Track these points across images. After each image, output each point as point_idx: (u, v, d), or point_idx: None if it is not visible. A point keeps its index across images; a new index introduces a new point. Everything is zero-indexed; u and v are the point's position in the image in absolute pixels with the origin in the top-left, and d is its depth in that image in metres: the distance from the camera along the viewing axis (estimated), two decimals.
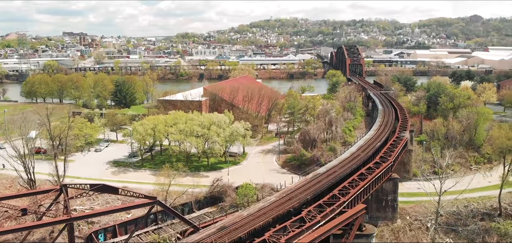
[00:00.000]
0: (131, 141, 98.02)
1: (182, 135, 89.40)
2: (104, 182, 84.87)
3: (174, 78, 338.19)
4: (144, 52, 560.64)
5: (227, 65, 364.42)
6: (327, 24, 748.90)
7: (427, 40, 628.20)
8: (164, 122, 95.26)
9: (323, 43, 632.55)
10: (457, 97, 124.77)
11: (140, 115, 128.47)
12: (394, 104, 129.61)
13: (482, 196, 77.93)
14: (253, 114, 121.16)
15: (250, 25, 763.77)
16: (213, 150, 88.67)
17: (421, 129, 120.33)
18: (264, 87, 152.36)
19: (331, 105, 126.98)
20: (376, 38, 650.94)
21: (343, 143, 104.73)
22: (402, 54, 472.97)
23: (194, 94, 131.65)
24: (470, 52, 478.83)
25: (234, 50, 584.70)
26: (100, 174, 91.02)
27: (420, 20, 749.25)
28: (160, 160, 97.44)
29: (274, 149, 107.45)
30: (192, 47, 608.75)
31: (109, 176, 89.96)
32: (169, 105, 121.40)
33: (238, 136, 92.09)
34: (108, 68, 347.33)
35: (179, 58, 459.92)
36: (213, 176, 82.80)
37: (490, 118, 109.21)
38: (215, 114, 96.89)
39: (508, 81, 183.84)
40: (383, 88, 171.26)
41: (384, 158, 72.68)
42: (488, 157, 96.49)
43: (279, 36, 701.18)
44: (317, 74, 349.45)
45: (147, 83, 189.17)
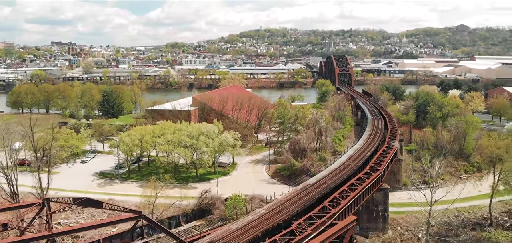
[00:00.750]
0: (117, 152, 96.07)
1: (170, 146, 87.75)
2: (90, 194, 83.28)
3: (164, 87, 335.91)
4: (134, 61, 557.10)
5: (217, 75, 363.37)
6: (316, 34, 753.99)
7: (415, 49, 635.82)
8: (152, 132, 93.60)
9: (312, 53, 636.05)
10: (446, 106, 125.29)
11: (127, 125, 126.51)
12: (383, 114, 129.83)
13: (472, 206, 77.75)
14: (242, 124, 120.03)
15: (240, 35, 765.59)
16: (201, 160, 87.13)
17: (410, 138, 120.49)
18: (254, 96, 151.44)
19: (320, 114, 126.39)
20: (365, 48, 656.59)
21: (333, 152, 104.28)
22: (390, 64, 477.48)
23: (183, 104, 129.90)
24: (457, 61, 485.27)
25: (224, 60, 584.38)
26: (86, 186, 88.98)
27: (407, 30, 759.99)
28: (147, 171, 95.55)
29: (264, 158, 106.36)
30: (182, 56, 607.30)
31: (95, 188, 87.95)
32: (157, 115, 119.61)
33: (227, 146, 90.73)
34: (96, 77, 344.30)
35: (169, 68, 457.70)
36: (201, 187, 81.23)
37: (478, 127, 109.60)
38: (204, 124, 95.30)
39: (496, 90, 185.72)
40: (372, 98, 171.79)
41: (374, 168, 72.17)
42: (478, 165, 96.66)
43: (269, 46, 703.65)
44: (306, 84, 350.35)
45: (136, 93, 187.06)
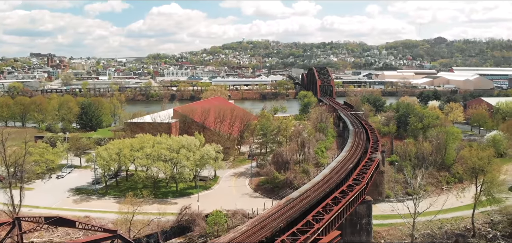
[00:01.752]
0: (94, 166, 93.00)
1: (149, 160, 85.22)
2: (65, 211, 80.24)
3: (145, 99, 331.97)
4: (114, 73, 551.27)
5: (200, 86, 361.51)
6: (297, 46, 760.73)
7: (394, 61, 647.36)
8: (130, 146, 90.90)
9: (294, 64, 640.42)
10: (426, 117, 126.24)
11: (106, 138, 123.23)
12: (365, 125, 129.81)
13: (455, 217, 77.59)
14: (225, 136, 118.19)
15: (222, 46, 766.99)
16: (182, 175, 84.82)
17: (392, 149, 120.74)
18: (237, 108, 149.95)
19: (303, 126, 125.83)
20: (345, 60, 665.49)
21: (316, 164, 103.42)
22: (371, 75, 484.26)
23: (163, 116, 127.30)
24: (436, 73, 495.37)
25: (207, 71, 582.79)
26: (61, 202, 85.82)
27: (387, 43, 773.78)
28: (125, 187, 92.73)
29: (246, 171, 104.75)
30: (163, 68, 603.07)
31: (71, 205, 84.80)
32: (136, 128, 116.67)
33: (209, 159, 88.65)
34: (75, 90, 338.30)
35: (150, 79, 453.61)
36: (182, 202, 78.90)
37: (459, 138, 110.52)
38: (185, 137, 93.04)
39: (474, 101, 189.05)
40: (353, 109, 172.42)
41: (357, 180, 71.25)
42: (459, 176, 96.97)
43: (252, 57, 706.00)
44: (289, 95, 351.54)
45: (115, 105, 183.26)
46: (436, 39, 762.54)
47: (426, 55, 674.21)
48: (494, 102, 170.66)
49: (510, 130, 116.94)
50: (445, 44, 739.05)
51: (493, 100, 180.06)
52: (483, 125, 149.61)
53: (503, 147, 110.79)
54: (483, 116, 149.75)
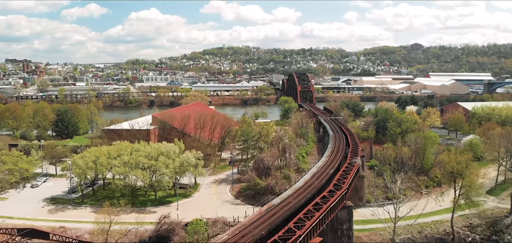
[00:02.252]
0: (70, 175, 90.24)
1: (126, 168, 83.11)
2: (40, 222, 77.62)
3: (123, 105, 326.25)
4: (92, 79, 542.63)
5: (179, 92, 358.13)
6: (278, 52, 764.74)
7: (372, 67, 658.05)
8: (107, 153, 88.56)
9: (274, 70, 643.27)
10: (405, 122, 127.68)
11: (82, 146, 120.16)
12: (344, 130, 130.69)
13: (435, 221, 78.38)
14: (205, 142, 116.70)
15: (203, 52, 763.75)
16: (161, 182, 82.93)
17: (371, 153, 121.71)
18: (217, 114, 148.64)
19: (284, 132, 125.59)
20: (324, 66, 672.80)
21: (297, 169, 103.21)
22: (349, 81, 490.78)
23: (141, 122, 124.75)
24: (413, 78, 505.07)
25: (187, 77, 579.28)
26: (36, 212, 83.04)
27: (365, 49, 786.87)
28: (102, 195, 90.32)
29: (227, 178, 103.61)
30: (142, 73, 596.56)
31: (46, 215, 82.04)
32: (114, 135, 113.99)
33: (189, 166, 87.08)
34: (52, 96, 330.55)
35: (129, 85, 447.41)
36: (161, 211, 77.23)
37: (437, 142, 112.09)
38: (164, 144, 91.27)
39: (451, 105, 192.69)
40: (333, 114, 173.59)
41: (337, 186, 71.19)
42: (437, 180, 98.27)
43: (232, 63, 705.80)
44: (270, 101, 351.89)
45: (92, 111, 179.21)
46: (413, 45, 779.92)
47: (403, 61, 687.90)
48: (470, 107, 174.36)
49: (486, 134, 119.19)
50: (421, 50, 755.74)
51: (469, 105, 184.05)
52: (460, 129, 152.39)
53: (480, 151, 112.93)
54: (460, 121, 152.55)
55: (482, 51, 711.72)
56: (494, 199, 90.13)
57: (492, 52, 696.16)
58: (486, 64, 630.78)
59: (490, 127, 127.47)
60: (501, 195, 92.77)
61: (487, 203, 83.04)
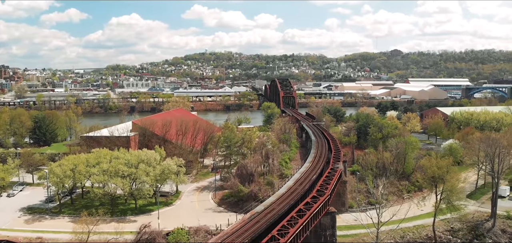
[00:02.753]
0: (47, 184, 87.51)
1: (106, 176, 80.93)
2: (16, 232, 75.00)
3: (103, 112, 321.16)
4: (71, 85, 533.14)
5: (161, 98, 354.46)
6: (260, 58, 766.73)
7: (353, 73, 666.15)
8: (86, 161, 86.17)
9: (257, 76, 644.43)
10: (386, 127, 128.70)
11: (60, 154, 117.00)
12: (326, 135, 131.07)
13: (417, 225, 78.90)
14: (187, 149, 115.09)
15: (185, 57, 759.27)
16: (141, 191, 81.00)
17: (353, 158, 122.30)
18: (200, 120, 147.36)
19: (267, 137, 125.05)
20: (306, 72, 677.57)
21: (280, 175, 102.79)
22: (331, 87, 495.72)
23: (121, 129, 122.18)
24: (393, 84, 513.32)
25: (169, 82, 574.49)
26: (12, 223, 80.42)
27: (345, 55, 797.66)
28: (81, 205, 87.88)
29: (210, 185, 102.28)
30: (123, 79, 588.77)
31: (22, 225, 79.31)
32: (93, 142, 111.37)
33: (170, 174, 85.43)
34: (30, 102, 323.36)
35: (109, 91, 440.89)
36: (141, 220, 75.40)
37: (417, 147, 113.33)
38: (144, 151, 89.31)
39: (430, 110, 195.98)
40: (315, 120, 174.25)
41: (320, 191, 70.90)
42: (418, 185, 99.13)
43: (215, 69, 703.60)
44: (253, 106, 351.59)
45: (71, 118, 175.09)
46: (392, 51, 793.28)
47: (383, 67, 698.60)
48: (449, 112, 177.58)
49: (465, 138, 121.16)
50: (400, 56, 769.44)
51: (448, 110, 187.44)
52: (439, 134, 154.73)
53: (460, 155, 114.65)
54: (439, 126, 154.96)
55: (459, 57, 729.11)
56: (474, 203, 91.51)
57: (470, 58, 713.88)
58: (464, 70, 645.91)
59: (469, 131, 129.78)
60: (481, 198, 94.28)
61: (468, 207, 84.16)
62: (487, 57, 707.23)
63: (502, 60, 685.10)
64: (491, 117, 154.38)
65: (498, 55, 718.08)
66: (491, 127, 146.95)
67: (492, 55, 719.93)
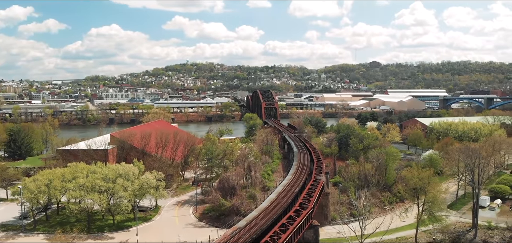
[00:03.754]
0: (21, 200, 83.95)
1: (82, 191, 78.06)
2: None
3: (81, 123, 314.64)
4: (49, 96, 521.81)
5: (141, 109, 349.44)
6: (242, 69, 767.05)
7: (333, 84, 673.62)
8: (61, 176, 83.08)
9: (239, 87, 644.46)
10: (366, 138, 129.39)
11: (35, 168, 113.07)
12: (308, 146, 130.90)
13: (399, 237, 78.56)
14: (167, 162, 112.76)
15: (165, 68, 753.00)
16: (119, 206, 78.31)
17: (335, 170, 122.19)
18: (180, 131, 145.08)
19: (249, 149, 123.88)
20: (287, 83, 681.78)
21: (262, 187, 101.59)
22: (311, 98, 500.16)
23: (99, 142, 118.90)
24: (372, 95, 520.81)
25: (149, 93, 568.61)
26: None
27: (325, 67, 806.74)
28: (56, 221, 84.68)
29: (191, 199, 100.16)
30: (102, 90, 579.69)
31: None
32: (69, 156, 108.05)
33: (149, 189, 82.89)
34: (5, 114, 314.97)
35: (88, 102, 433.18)
36: (119, 237, 73.08)
37: (398, 158, 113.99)
38: (122, 165, 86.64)
39: (410, 121, 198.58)
40: (297, 131, 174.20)
41: (303, 205, 70.07)
42: (400, 196, 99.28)
43: (196, 80, 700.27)
44: (235, 117, 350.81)
45: (47, 131, 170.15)
46: (371, 63, 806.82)
47: (362, 78, 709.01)
48: (428, 123, 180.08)
49: (444, 148, 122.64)
50: (379, 68, 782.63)
51: (427, 120, 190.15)
52: (419, 144, 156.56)
53: (440, 166, 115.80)
54: (419, 136, 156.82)
55: (436, 68, 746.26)
56: (455, 213, 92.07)
57: (446, 69, 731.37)
58: (441, 80, 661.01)
59: (447, 141, 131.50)
60: (462, 209, 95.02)
61: (449, 218, 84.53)
62: (463, 69, 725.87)
63: (477, 71, 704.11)
64: (469, 128, 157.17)
65: (474, 66, 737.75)
66: (470, 137, 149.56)
67: (468, 66, 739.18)
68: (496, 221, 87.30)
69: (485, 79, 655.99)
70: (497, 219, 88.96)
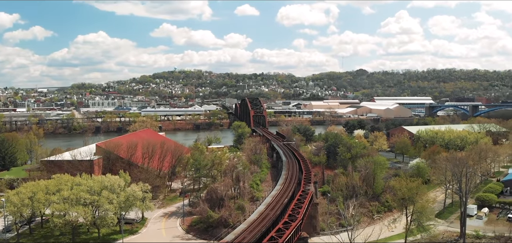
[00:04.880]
0: (4, 213, 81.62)
1: (66, 204, 76.15)
2: None
3: (67, 132, 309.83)
4: (34, 104, 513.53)
5: (128, 117, 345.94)
6: (230, 76, 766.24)
7: (320, 92, 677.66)
8: (45, 188, 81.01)
9: (227, 94, 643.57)
10: (354, 147, 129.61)
11: (19, 179, 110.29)
12: (297, 155, 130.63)
13: None
14: (154, 172, 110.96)
15: (153, 76, 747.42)
16: (104, 219, 76.50)
17: (323, 179, 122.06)
18: (168, 141, 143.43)
19: (238, 159, 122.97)
20: (276, 91, 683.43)
21: (251, 198, 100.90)
22: (300, 105, 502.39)
23: (84, 152, 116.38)
24: (359, 102, 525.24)
25: (136, 101, 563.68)
26: None
27: (313, 74, 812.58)
28: (40, 234, 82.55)
29: (178, 210, 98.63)
30: (88, 98, 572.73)
31: None
32: (54, 167, 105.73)
33: (135, 201, 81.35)
34: None
35: (74, 110, 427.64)
36: None
37: (385, 167, 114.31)
38: (108, 177, 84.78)
39: (397, 129, 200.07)
40: (285, 139, 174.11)
41: (292, 216, 69.41)
42: (388, 205, 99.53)
43: (184, 87, 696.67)
44: (223, 125, 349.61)
45: (31, 140, 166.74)
46: (358, 71, 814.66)
47: (349, 86, 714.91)
48: (414, 131, 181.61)
49: (431, 157, 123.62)
50: (366, 75, 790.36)
51: (414, 128, 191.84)
52: (406, 153, 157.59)
53: (427, 175, 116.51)
54: (406, 145, 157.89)
55: (422, 76, 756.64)
56: (443, 222, 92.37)
57: (432, 77, 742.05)
58: (427, 88, 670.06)
59: (434, 150, 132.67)
60: (449, 218, 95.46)
61: (437, 227, 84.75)
62: (448, 76, 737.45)
63: (462, 78, 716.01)
64: (455, 136, 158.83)
65: (458, 74, 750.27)
66: (456, 145, 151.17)
67: (453, 74, 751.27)
68: (484, 229, 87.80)
69: (470, 86, 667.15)
70: (485, 227, 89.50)
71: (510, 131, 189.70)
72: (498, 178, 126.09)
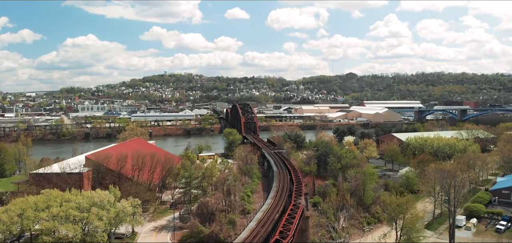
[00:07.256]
0: None
1: (56, 221, 75.33)
2: None
3: (56, 138, 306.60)
4: (22, 109, 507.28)
5: (117, 122, 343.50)
6: (221, 80, 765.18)
7: (311, 95, 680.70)
8: (34, 205, 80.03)
9: (218, 98, 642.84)
10: (344, 157, 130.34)
11: (7, 193, 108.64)
12: (288, 165, 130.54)
13: None
14: (144, 184, 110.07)
15: (143, 79, 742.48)
16: (94, 236, 75.86)
17: (314, 189, 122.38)
18: (158, 151, 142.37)
19: (228, 171, 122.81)
20: (267, 94, 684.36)
21: (242, 211, 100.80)
22: (290, 109, 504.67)
23: (73, 164, 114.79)
24: (349, 107, 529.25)
25: (126, 105, 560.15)
26: None
27: (303, 78, 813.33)
28: None
29: (168, 224, 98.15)
30: (78, 102, 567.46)
31: None
32: (43, 180, 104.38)
33: (125, 217, 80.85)
34: None
35: (63, 116, 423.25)
36: None
37: (375, 178, 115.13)
38: (97, 193, 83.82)
39: (386, 136, 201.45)
40: (276, 147, 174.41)
41: (283, 233, 69.52)
42: (378, 216, 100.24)
43: (174, 91, 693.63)
44: (214, 130, 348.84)
45: (20, 150, 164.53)
46: (348, 74, 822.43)
47: (339, 90, 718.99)
48: (404, 138, 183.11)
49: (420, 165, 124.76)
50: (355, 79, 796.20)
51: (403, 135, 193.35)
52: (396, 160, 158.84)
53: (416, 185, 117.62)
54: (396, 152, 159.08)
55: (411, 79, 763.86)
56: (432, 233, 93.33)
57: (421, 80, 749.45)
58: (416, 91, 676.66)
59: (423, 158, 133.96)
60: (439, 229, 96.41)
61: (427, 239, 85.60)
62: (437, 80, 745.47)
63: (451, 82, 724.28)
64: (444, 143, 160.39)
65: (447, 77, 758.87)
66: (444, 152, 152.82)
67: (441, 77, 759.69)
68: (473, 241, 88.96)
69: (458, 90, 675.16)
70: (473, 238, 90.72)
71: (497, 137, 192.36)
72: (486, 187, 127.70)
